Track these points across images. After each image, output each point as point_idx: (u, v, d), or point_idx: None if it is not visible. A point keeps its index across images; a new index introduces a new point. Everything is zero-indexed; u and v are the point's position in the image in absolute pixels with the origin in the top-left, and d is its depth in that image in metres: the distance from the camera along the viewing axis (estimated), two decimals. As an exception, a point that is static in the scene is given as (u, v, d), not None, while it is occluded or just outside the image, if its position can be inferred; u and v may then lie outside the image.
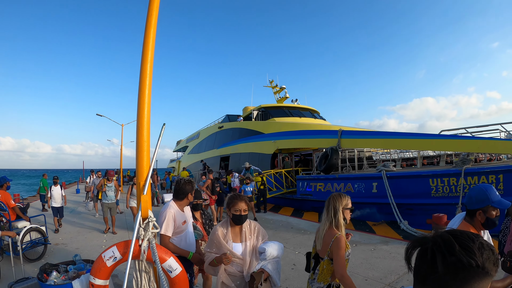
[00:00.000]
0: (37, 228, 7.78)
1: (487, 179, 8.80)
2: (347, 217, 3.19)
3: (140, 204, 3.96)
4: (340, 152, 13.60)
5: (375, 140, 12.69)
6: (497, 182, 8.66)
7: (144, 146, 4.06)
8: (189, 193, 4.02)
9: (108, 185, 11.05)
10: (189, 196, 4.04)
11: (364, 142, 13.18)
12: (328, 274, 3.12)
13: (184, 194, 4.02)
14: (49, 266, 4.79)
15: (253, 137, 21.17)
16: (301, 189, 14.59)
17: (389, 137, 12.19)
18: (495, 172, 8.69)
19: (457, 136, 10.45)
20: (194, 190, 4.18)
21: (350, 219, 3.23)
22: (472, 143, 9.65)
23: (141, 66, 4.27)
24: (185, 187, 4.00)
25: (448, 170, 9.56)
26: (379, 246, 8.09)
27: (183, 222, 3.91)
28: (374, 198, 11.30)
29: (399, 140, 11.81)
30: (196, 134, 35.40)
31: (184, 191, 4.01)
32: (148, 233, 3.83)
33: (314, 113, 24.78)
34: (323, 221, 3.21)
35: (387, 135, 12.47)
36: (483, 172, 8.85)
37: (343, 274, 2.90)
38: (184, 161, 36.76)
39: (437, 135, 10.68)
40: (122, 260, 3.76)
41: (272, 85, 28.44)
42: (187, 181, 4.07)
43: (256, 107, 24.28)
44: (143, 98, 4.17)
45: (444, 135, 10.49)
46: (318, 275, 3.18)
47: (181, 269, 3.87)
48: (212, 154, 27.40)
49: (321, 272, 3.16)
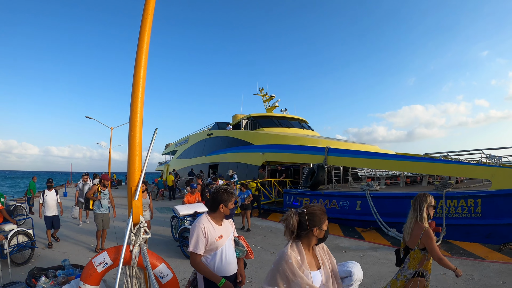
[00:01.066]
0: (24, 231, 7.60)
1: (466, 202, 9.17)
2: (431, 213, 3.79)
3: (132, 209, 3.92)
4: (326, 169, 13.93)
5: (361, 160, 13.02)
6: (475, 206, 9.02)
7: (136, 151, 4.06)
8: (221, 203, 3.35)
9: (104, 192, 9.09)
10: (222, 207, 3.36)
11: (350, 160, 13.50)
12: (417, 261, 3.66)
13: (216, 204, 3.38)
14: (37, 270, 4.69)
15: (242, 147, 21.40)
16: (287, 202, 14.85)
17: (375, 158, 12.52)
18: (474, 197, 9.05)
19: (440, 160, 10.85)
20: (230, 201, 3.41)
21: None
22: (453, 168, 10.11)
23: (134, 74, 4.24)
24: (217, 197, 3.37)
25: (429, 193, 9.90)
26: (368, 252, 8.23)
27: (218, 237, 3.27)
28: (357, 215, 11.59)
29: (384, 161, 12.15)
30: (185, 139, 35.47)
31: (216, 201, 3.37)
32: (139, 239, 3.84)
33: (303, 122, 25.24)
34: (410, 218, 3.82)
35: (373, 156, 12.80)
36: (462, 196, 9.21)
37: (440, 257, 3.48)
38: (172, 165, 36.79)
39: (419, 158, 11.10)
40: (112, 266, 3.71)
41: (262, 94, 28.78)
42: (222, 190, 3.41)
43: (245, 116, 24.57)
44: (136, 103, 4.16)
45: (426, 158, 10.88)
46: (408, 263, 3.73)
47: (172, 275, 3.87)
48: (201, 161, 27.52)
49: (411, 261, 3.71)
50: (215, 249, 3.27)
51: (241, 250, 3.75)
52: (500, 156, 11.52)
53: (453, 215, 9.34)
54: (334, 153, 13.95)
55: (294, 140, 18.55)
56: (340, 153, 13.85)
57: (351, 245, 9.12)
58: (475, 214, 9.06)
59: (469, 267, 6.64)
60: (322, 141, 18.12)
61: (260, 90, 28.96)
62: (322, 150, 14.48)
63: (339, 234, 10.67)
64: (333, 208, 12.48)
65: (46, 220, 9.38)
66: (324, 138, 20.61)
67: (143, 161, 4.18)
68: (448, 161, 10.57)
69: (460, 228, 9.20)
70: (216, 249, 3.27)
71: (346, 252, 8.29)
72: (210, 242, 3.21)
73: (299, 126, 24.08)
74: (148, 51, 4.36)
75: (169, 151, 42.97)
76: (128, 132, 4.14)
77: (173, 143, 42.12)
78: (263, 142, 19.89)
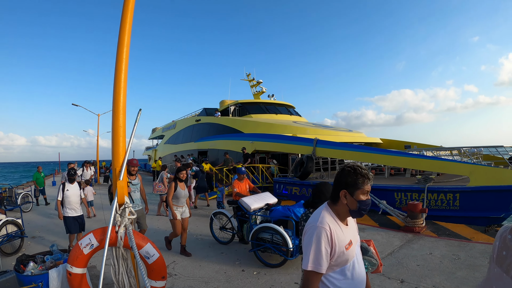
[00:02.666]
0: (13, 221, 7.48)
1: (445, 196, 9.92)
2: None
3: (116, 190, 3.92)
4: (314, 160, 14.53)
5: (348, 152, 13.65)
6: (454, 200, 9.79)
7: (120, 131, 4.04)
8: (345, 189, 2.09)
9: (133, 182, 7.01)
10: (345, 195, 2.09)
11: (338, 152, 14.10)
12: None
13: (338, 190, 2.13)
14: (25, 257, 4.68)
15: (232, 135, 21.80)
16: (277, 190, 15.46)
17: (360, 151, 13.21)
18: (453, 191, 9.82)
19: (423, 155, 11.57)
20: None
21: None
22: (435, 163, 10.90)
23: (118, 47, 4.22)
24: (341, 179, 2.11)
25: (411, 187, 10.62)
26: None
27: (348, 245, 2.11)
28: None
29: (368, 154, 12.83)
30: (172, 124, 35.55)
31: (340, 184, 2.12)
32: (124, 219, 3.84)
33: (290, 108, 25.70)
34: None
35: (358, 149, 13.51)
36: (442, 190, 9.97)
37: None
38: (160, 150, 36.97)
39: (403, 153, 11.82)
40: (99, 248, 3.73)
41: (249, 79, 29.04)
42: (349, 168, 2.10)
43: (233, 102, 24.92)
44: (119, 83, 4.12)
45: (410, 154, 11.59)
46: None
47: (159, 255, 3.90)
48: (190, 147, 27.80)
49: None
50: (344, 263, 2.11)
51: (370, 262, 2.71)
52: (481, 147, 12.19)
53: (434, 207, 10.08)
54: (322, 145, 14.53)
55: (283, 128, 19.06)
56: (328, 145, 14.43)
57: None
58: (453, 207, 9.82)
59: (455, 248, 6.78)
60: (310, 129, 18.70)
61: (247, 75, 29.23)
62: (310, 141, 15.04)
63: None
64: (321, 198, 13.09)
65: (68, 222, 7.31)
66: (311, 125, 21.15)
67: (127, 141, 4.17)
68: (431, 157, 11.29)
69: (439, 218, 9.95)
70: (345, 263, 2.12)
71: None
72: (337, 253, 2.05)
73: (286, 112, 24.59)
74: (131, 24, 4.34)
75: (156, 135, 42.96)
76: (112, 114, 4.14)
77: (160, 128, 42.17)
78: (252, 130, 20.37)
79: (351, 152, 13.54)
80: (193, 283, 5.46)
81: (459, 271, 5.51)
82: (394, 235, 8.08)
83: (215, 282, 5.49)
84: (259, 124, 20.55)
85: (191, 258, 6.85)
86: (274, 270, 5.92)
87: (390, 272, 5.62)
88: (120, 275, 3.91)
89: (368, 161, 13.13)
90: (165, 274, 4.00)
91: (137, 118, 4.40)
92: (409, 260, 6.15)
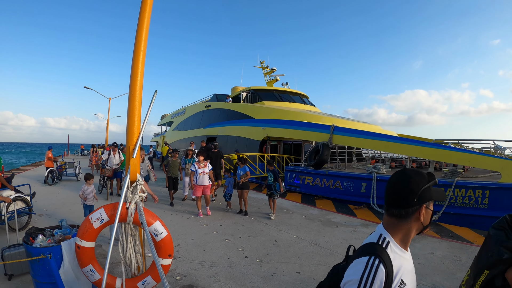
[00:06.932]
0: (22, 197, 7.62)
1: (474, 193, 9.09)
2: None
3: (129, 167, 4.08)
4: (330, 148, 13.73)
5: (367, 141, 12.82)
6: (483, 197, 8.97)
7: (136, 111, 4.18)
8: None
9: None
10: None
11: (356, 141, 13.31)
12: None
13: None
14: (35, 230, 4.76)
15: (242, 120, 21.06)
16: (289, 180, 14.72)
17: (382, 139, 12.32)
18: (482, 188, 8.97)
19: (449, 147, 10.65)
20: None
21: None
22: (465, 156, 9.96)
23: (137, 31, 4.34)
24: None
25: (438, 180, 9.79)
26: (359, 228, 8.37)
27: None
28: (362, 197, 11.49)
29: (391, 144, 11.99)
30: (182, 110, 34.88)
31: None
32: (135, 196, 3.96)
33: (304, 98, 24.86)
34: None
35: (380, 137, 12.58)
36: (471, 186, 9.12)
37: None
38: (168, 137, 36.36)
39: (430, 144, 10.88)
40: (109, 222, 3.84)
41: (262, 66, 28.17)
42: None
43: (245, 88, 24.11)
44: (137, 63, 4.23)
45: (437, 145, 10.67)
46: None
47: (167, 233, 4.01)
48: (198, 133, 27.09)
49: None
50: None
51: None
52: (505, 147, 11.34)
53: (460, 204, 9.29)
54: (340, 132, 13.72)
55: (296, 115, 18.23)
56: (347, 132, 13.62)
57: (343, 220, 9.24)
58: (481, 205, 9.03)
59: (457, 250, 6.79)
60: (325, 118, 17.86)
61: (261, 63, 28.31)
62: (327, 128, 14.24)
63: (331, 210, 10.83)
64: (337, 189, 12.40)
65: None
66: (327, 115, 20.36)
67: (142, 120, 4.28)
68: (459, 149, 10.41)
69: (465, 217, 9.18)
70: None
71: (337, 227, 8.43)
72: None
73: (300, 101, 23.68)
74: (150, 16, 4.48)
75: (165, 122, 42.31)
76: (128, 93, 4.26)
77: (169, 114, 41.50)
78: (264, 116, 19.54)
79: (371, 141, 12.69)
80: (196, 266, 5.63)
81: (459, 272, 5.57)
82: None
83: (218, 266, 5.63)
84: (272, 110, 19.74)
85: (195, 243, 6.93)
86: (276, 258, 6.05)
87: None
88: (128, 251, 4.01)
89: (391, 151, 12.37)
90: (171, 252, 4.05)
91: (153, 99, 4.51)
92: None
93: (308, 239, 7.34)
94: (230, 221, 8.94)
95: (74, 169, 17.52)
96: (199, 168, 9.47)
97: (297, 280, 5.14)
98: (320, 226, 8.48)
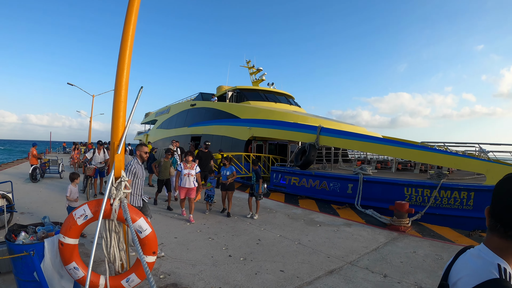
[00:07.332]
0: (3, 194, 7.37)
1: (459, 194, 9.23)
2: None
3: (114, 163, 4.04)
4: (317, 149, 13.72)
5: (354, 142, 12.86)
6: (468, 199, 9.15)
7: (121, 106, 4.14)
8: None
9: None
10: None
11: (343, 142, 13.34)
12: None
13: None
14: (17, 227, 4.65)
15: (228, 120, 20.92)
16: (275, 180, 14.66)
17: (369, 141, 12.40)
18: (468, 189, 9.14)
19: (435, 149, 10.77)
20: None
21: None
22: (450, 159, 10.08)
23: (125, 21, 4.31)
24: None
25: (424, 182, 9.89)
26: (342, 227, 8.45)
27: None
28: (347, 198, 11.52)
29: (378, 145, 12.06)
30: (166, 108, 34.50)
31: None
32: (120, 193, 3.89)
33: (290, 98, 24.88)
34: None
35: (367, 139, 12.66)
36: (457, 188, 9.27)
37: None
38: (152, 135, 35.96)
39: (416, 146, 10.99)
40: (93, 219, 3.78)
41: (248, 66, 28.07)
42: None
43: (231, 88, 24.03)
44: (124, 56, 4.20)
45: (423, 147, 10.77)
46: None
47: (151, 230, 3.96)
48: (182, 132, 26.83)
49: None
50: None
51: None
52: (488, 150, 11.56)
53: (446, 205, 9.43)
54: (326, 133, 13.72)
55: (282, 116, 18.18)
56: (333, 133, 13.64)
57: (326, 220, 9.30)
58: (466, 207, 9.19)
59: (438, 248, 6.92)
60: (311, 119, 17.88)
61: (247, 62, 28.21)
62: (313, 128, 14.24)
63: (315, 209, 10.89)
64: (323, 189, 12.41)
65: None
66: (312, 116, 20.36)
67: (127, 117, 4.22)
68: (445, 151, 10.55)
69: (450, 218, 9.33)
70: None
71: (321, 227, 8.49)
72: None
73: (286, 102, 23.68)
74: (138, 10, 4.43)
75: (149, 120, 41.78)
76: (113, 90, 4.21)
77: (154, 112, 41.00)
78: (250, 116, 19.45)
79: (358, 142, 12.74)
80: (180, 264, 5.60)
81: (441, 270, 5.66)
82: (380, 233, 8.16)
83: (202, 265, 5.61)
84: (258, 110, 19.64)
85: (179, 241, 6.90)
86: (260, 257, 6.05)
87: (374, 266, 5.79)
88: (112, 248, 3.94)
89: (378, 153, 12.44)
90: (156, 249, 4.00)
91: (139, 94, 4.46)
92: (393, 257, 6.30)
93: (291, 238, 7.37)
94: (213, 220, 8.92)
95: (57, 167, 17.37)
96: (185, 168, 8.98)
97: (281, 278, 5.18)
98: (304, 226, 8.51)
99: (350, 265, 5.84)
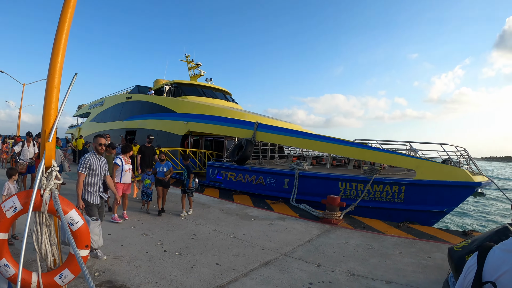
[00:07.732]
0: None
1: (391, 188, 9.60)
2: None
3: (44, 152, 3.86)
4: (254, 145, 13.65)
5: (291, 138, 12.97)
6: (399, 192, 9.56)
7: (54, 93, 3.99)
8: None
9: None
10: None
11: (279, 138, 13.36)
12: None
13: None
14: None
15: (164, 114, 20.27)
16: (211, 175, 14.41)
17: (305, 138, 12.55)
18: (399, 184, 9.55)
19: (368, 146, 11.06)
20: None
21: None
22: (383, 156, 10.44)
23: None
24: None
25: (358, 177, 10.16)
26: (276, 221, 8.59)
27: None
28: (284, 193, 11.57)
29: (314, 142, 12.20)
30: (100, 101, 32.77)
31: None
32: (50, 183, 3.73)
33: (227, 94, 24.77)
34: None
35: (303, 135, 12.81)
36: (389, 182, 9.64)
37: None
38: (85, 129, 34.12)
39: (350, 143, 11.21)
40: (22, 211, 3.62)
41: (187, 60, 27.50)
42: None
43: (168, 82, 23.43)
44: (59, 40, 4.04)
45: (357, 144, 11.03)
46: None
47: (83, 222, 3.86)
48: (117, 126, 25.56)
49: None
50: None
51: None
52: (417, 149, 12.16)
53: (378, 198, 9.73)
54: (264, 129, 13.69)
55: (220, 111, 17.95)
56: (270, 129, 13.64)
57: (260, 214, 9.38)
58: (398, 200, 9.59)
59: (369, 239, 7.25)
60: (248, 115, 17.82)
61: (186, 57, 27.59)
62: (251, 124, 14.14)
63: (249, 204, 10.94)
64: (260, 185, 12.35)
65: None
66: (249, 112, 20.32)
67: (60, 104, 4.07)
68: (378, 148, 10.90)
69: (383, 211, 9.68)
70: None
71: (255, 221, 8.59)
72: None
73: (223, 98, 23.48)
74: None
75: (82, 113, 39.27)
76: (47, 74, 4.04)
77: (87, 105, 38.61)
78: (187, 110, 18.98)
79: (294, 139, 12.87)
80: (115, 261, 5.44)
81: (372, 259, 5.98)
82: (313, 225, 8.37)
83: (137, 261, 5.49)
84: (195, 105, 19.25)
85: (112, 238, 6.65)
86: (196, 251, 6.05)
87: (308, 256, 5.97)
88: (43, 242, 3.75)
89: (313, 149, 12.62)
90: (88, 242, 3.92)
91: (72, 81, 4.27)
92: (326, 248, 6.52)
93: (226, 232, 7.38)
94: (147, 215, 8.73)
95: None
96: (126, 163, 8.30)
97: (217, 271, 5.20)
98: (238, 220, 8.55)
99: (285, 256, 5.97)
